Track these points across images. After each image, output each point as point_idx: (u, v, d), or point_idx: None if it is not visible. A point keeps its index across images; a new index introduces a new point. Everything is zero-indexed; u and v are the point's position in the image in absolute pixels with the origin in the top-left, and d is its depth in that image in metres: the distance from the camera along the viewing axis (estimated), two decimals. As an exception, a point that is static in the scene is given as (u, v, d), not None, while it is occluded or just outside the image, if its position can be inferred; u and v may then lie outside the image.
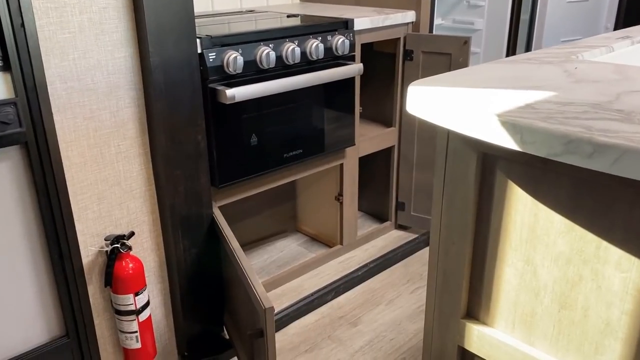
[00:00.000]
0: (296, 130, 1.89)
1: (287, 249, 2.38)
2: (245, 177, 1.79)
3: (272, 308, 1.22)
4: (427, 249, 2.44)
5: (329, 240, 2.38)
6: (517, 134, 0.72)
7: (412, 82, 0.94)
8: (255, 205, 2.34)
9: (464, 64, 2.11)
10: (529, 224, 0.92)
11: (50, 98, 1.29)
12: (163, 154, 1.50)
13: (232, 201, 1.86)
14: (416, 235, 2.47)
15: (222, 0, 2.42)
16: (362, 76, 2.28)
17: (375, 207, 2.59)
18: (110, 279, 1.45)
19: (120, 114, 1.44)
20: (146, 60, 1.41)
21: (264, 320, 1.24)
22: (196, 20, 1.53)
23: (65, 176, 1.37)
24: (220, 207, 1.78)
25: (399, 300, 2.08)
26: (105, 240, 1.45)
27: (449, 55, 2.13)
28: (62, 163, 1.33)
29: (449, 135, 0.96)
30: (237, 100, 1.61)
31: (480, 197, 0.97)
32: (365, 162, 2.49)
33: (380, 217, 2.58)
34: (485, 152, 0.93)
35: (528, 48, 2.83)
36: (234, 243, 1.50)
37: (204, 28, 1.80)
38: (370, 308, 2.04)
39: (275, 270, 2.21)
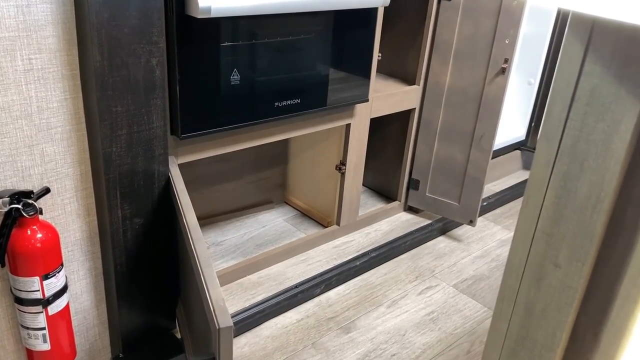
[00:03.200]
0: (294, 72, 1.42)
1: (271, 224, 1.93)
2: (219, 127, 1.32)
3: (229, 328, 0.78)
4: (441, 238, 2.00)
5: (323, 218, 1.93)
6: None
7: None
8: (235, 167, 1.88)
9: (520, 9, 1.63)
10: None
11: None
12: (98, 80, 1.03)
13: (201, 159, 1.40)
14: (429, 221, 2.02)
15: None
16: (383, 16, 1.79)
17: (382, 183, 2.14)
18: (2, 255, 0.99)
19: (33, 11, 0.96)
20: None
21: (217, 344, 0.79)
22: None
23: (-63, 95, 0.91)
24: (182, 166, 1.32)
25: (405, 303, 1.65)
26: (-2, 197, 0.99)
27: (501, -4, 1.64)
28: None
29: (584, 57, 0.50)
30: (213, 14, 1.13)
31: (629, 185, 0.51)
32: (376, 126, 2.02)
33: (387, 194, 2.13)
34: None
35: None
36: (190, 217, 1.05)
37: None
38: (367, 309, 1.61)
39: (253, 250, 1.77)
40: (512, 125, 2.48)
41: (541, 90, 2.42)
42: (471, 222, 1.93)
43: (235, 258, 1.73)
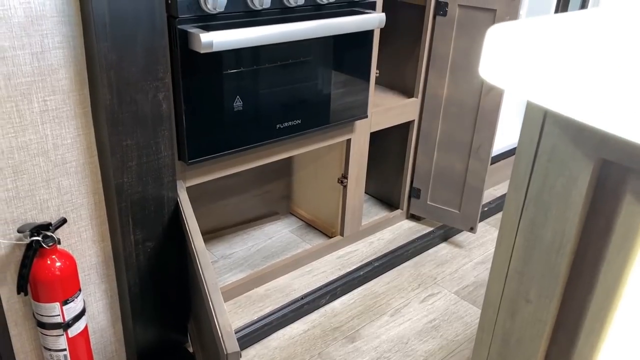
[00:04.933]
0: (295, 94, 1.48)
1: (277, 235, 2.00)
2: (224, 151, 1.38)
3: (237, 354, 0.84)
4: (442, 245, 2.06)
5: (327, 229, 2.00)
6: None
7: (493, 26, 0.53)
8: (241, 181, 1.95)
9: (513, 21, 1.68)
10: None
11: None
12: (109, 117, 1.10)
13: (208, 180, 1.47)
14: (431, 229, 2.08)
15: None
16: (380, 32, 1.85)
17: (385, 191, 2.19)
18: (25, 284, 1.07)
19: (47, 56, 1.03)
20: (83, -19, 0.99)
21: (226, 367, 0.86)
22: None
23: (-38, 140, 0.98)
24: (191, 187, 1.39)
25: (407, 311, 1.71)
26: (19, 232, 1.06)
27: (494, 12, 1.69)
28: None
29: (544, 120, 0.56)
30: (215, 49, 1.19)
31: (588, 232, 0.57)
32: (377, 138, 2.08)
33: (389, 203, 2.18)
34: (608, 158, 0.52)
35: (584, 5, 2.37)
36: (198, 242, 1.12)
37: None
38: (372, 318, 1.68)
39: (260, 263, 1.84)
40: (511, 130, 2.52)
41: (540, 95, 2.45)
42: (472, 229, 1.98)
43: (243, 271, 1.79)
